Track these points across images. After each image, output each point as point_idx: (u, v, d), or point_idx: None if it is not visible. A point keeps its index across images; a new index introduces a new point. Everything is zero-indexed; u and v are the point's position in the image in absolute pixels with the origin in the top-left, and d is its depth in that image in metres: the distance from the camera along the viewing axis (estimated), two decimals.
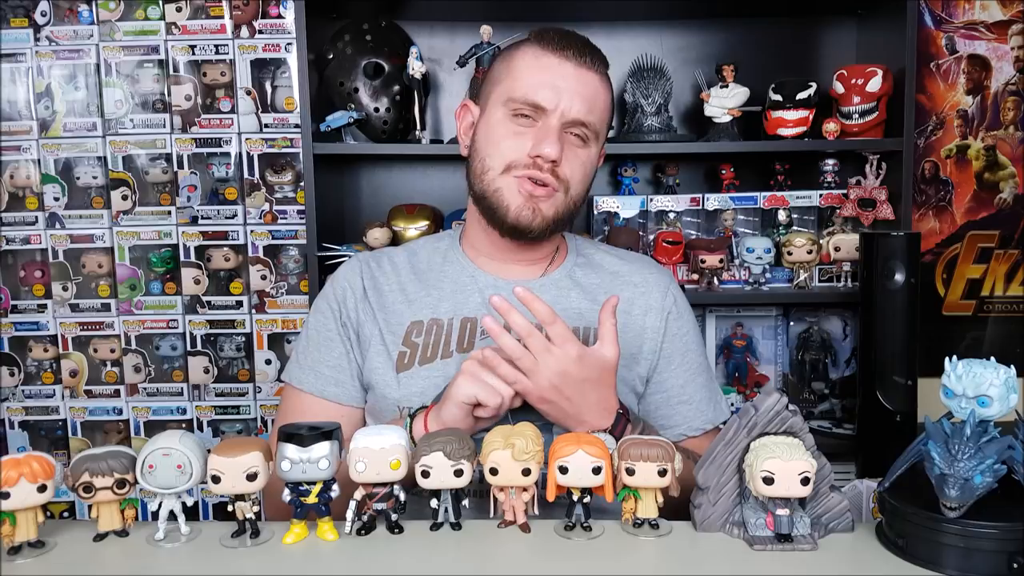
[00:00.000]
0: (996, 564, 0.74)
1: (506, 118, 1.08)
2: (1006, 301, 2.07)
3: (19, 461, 0.80)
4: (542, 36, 1.09)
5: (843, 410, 1.93)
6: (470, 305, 1.13)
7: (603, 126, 1.12)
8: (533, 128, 1.07)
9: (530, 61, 1.08)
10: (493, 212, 1.10)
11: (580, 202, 1.13)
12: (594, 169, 1.14)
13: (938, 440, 0.76)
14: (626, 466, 0.82)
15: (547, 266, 1.18)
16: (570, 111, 1.06)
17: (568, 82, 1.07)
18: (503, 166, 1.08)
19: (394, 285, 1.17)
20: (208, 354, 2.10)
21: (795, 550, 0.81)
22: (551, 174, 1.06)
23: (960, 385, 0.78)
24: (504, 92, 1.09)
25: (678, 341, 1.17)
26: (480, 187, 1.11)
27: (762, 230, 1.92)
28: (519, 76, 1.08)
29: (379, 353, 1.12)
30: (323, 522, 0.85)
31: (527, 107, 1.06)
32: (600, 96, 1.10)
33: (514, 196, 1.08)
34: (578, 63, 1.08)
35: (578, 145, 1.09)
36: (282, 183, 2.07)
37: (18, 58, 2.03)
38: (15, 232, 2.07)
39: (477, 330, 1.11)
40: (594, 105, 1.09)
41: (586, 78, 1.08)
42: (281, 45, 2.03)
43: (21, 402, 2.11)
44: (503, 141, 1.08)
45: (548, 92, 1.06)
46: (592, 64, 1.09)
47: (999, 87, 2.01)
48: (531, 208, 1.08)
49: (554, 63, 1.07)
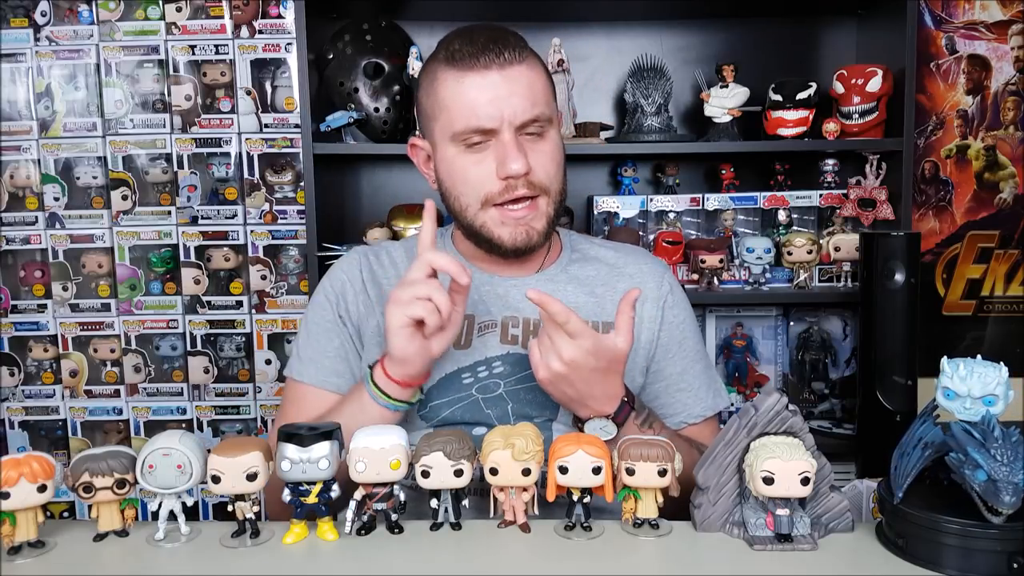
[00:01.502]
0: (996, 564, 0.74)
1: (460, 153, 1.05)
2: (1006, 301, 2.07)
3: (19, 461, 0.80)
4: (452, 56, 1.03)
5: (843, 410, 1.93)
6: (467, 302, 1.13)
7: (551, 107, 1.08)
8: (489, 149, 1.04)
9: (453, 88, 1.03)
10: (488, 244, 1.09)
11: (564, 194, 1.11)
12: (562, 152, 1.11)
13: (975, 446, 0.73)
14: (626, 466, 0.82)
15: (542, 262, 1.18)
16: (516, 116, 1.02)
17: (500, 90, 1.02)
18: (479, 202, 1.06)
19: (392, 279, 1.16)
20: (208, 354, 2.10)
21: (795, 550, 0.81)
22: (527, 188, 1.04)
23: (965, 385, 0.78)
24: (445, 128, 1.05)
25: (675, 330, 1.17)
26: (466, 223, 1.09)
27: (762, 230, 1.92)
28: (451, 108, 1.04)
29: (378, 345, 1.12)
30: (323, 522, 0.85)
31: (474, 135, 1.03)
32: (536, 82, 1.05)
33: (501, 228, 1.07)
34: (500, 65, 1.02)
35: (537, 141, 1.06)
36: (282, 183, 2.07)
37: (18, 58, 2.03)
38: (15, 232, 2.07)
39: (475, 327, 1.11)
40: (534, 95, 1.04)
41: (514, 74, 1.02)
42: (281, 45, 2.03)
43: (21, 402, 2.11)
44: (468, 176, 1.06)
45: (487, 111, 1.02)
46: (512, 56, 1.03)
47: (999, 87, 2.01)
48: (524, 231, 1.07)
49: (477, 81, 1.02)
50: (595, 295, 1.15)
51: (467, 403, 1.08)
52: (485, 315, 1.12)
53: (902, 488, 0.78)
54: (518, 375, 1.08)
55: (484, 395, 1.08)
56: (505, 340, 1.11)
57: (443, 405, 1.08)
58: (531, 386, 1.06)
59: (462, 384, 1.08)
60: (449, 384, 1.08)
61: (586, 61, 2.00)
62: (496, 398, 1.08)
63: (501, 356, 1.10)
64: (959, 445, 0.75)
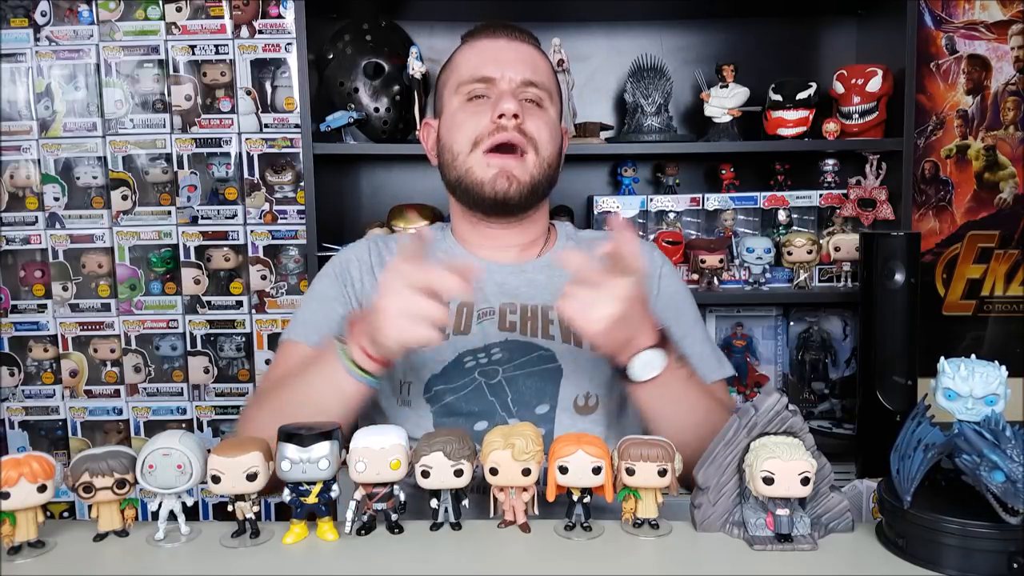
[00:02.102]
0: (996, 564, 0.74)
1: (462, 104, 1.14)
2: (1006, 301, 2.07)
3: (19, 461, 0.79)
4: (472, 31, 1.19)
5: (843, 410, 1.93)
6: None
7: (553, 91, 1.17)
8: (488, 102, 1.11)
9: (466, 51, 1.17)
10: (470, 193, 1.12)
11: (555, 166, 1.16)
12: (559, 134, 1.18)
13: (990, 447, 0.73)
14: (626, 466, 0.82)
15: (540, 250, 1.21)
16: (517, 75, 1.12)
17: (506, 53, 1.14)
18: (469, 144, 1.11)
19: None
20: (208, 354, 2.10)
21: (795, 550, 0.81)
22: (517, 132, 1.09)
23: (967, 386, 0.77)
24: (453, 84, 1.15)
25: (671, 300, 1.19)
26: (454, 175, 1.14)
27: (762, 230, 1.92)
28: (461, 64, 1.16)
29: None
30: (323, 522, 0.85)
31: (477, 84, 1.12)
32: (540, 62, 1.17)
33: (485, 170, 1.11)
34: (510, 38, 1.16)
35: (535, 108, 1.13)
36: (282, 183, 2.07)
37: (18, 58, 2.03)
38: (15, 232, 2.07)
39: (474, 314, 1.13)
40: (536, 68, 1.15)
41: (521, 48, 1.16)
42: (281, 45, 2.03)
43: (21, 402, 2.11)
44: (465, 123, 1.12)
45: (491, 64, 1.12)
46: (523, 38, 1.17)
47: (999, 87, 2.01)
48: (505, 177, 1.10)
49: (488, 43, 1.15)
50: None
51: (471, 389, 1.08)
52: (483, 303, 1.14)
53: (909, 492, 0.77)
54: (516, 361, 1.09)
55: (486, 380, 1.09)
56: (503, 327, 1.12)
57: (447, 391, 1.08)
58: (528, 372, 1.08)
59: (464, 369, 1.09)
60: (453, 370, 1.09)
61: (586, 61, 2.00)
62: (496, 386, 1.08)
63: (500, 343, 1.11)
64: (972, 447, 0.74)
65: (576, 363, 1.10)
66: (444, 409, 1.08)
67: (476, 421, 1.07)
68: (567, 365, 1.09)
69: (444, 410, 1.08)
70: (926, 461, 0.77)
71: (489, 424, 1.06)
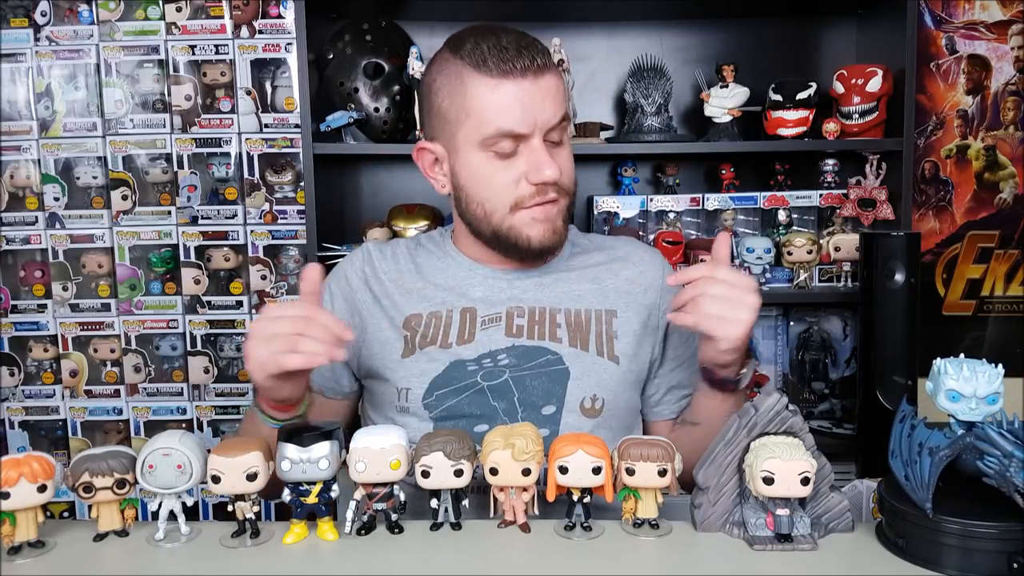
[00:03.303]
0: (996, 564, 0.74)
1: (488, 159, 1.05)
2: (1006, 301, 2.07)
3: (19, 461, 0.80)
4: (482, 61, 1.02)
5: (843, 410, 1.93)
6: (470, 296, 1.13)
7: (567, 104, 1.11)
8: (516, 155, 1.04)
9: (487, 95, 1.02)
10: (513, 247, 1.09)
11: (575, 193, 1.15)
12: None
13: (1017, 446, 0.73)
14: (626, 466, 0.82)
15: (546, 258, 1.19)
16: (547, 121, 1.04)
17: (533, 96, 1.02)
18: (509, 206, 1.06)
19: (393, 275, 1.17)
20: (208, 354, 2.10)
21: (795, 550, 0.81)
22: (556, 192, 1.07)
23: (971, 386, 0.77)
24: (474, 134, 1.04)
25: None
26: (491, 228, 1.09)
27: (762, 230, 1.92)
28: (482, 114, 1.03)
29: (377, 340, 1.12)
30: (323, 522, 0.85)
31: (505, 140, 1.03)
32: (560, 87, 1.07)
33: (532, 227, 1.07)
34: (534, 73, 1.02)
35: (558, 146, 1.08)
36: (282, 183, 2.07)
37: (18, 58, 2.02)
38: (15, 232, 2.07)
39: (478, 320, 1.11)
40: (558, 99, 1.06)
41: (545, 82, 1.03)
42: (281, 45, 2.03)
43: (21, 402, 2.11)
44: (494, 181, 1.06)
45: (520, 117, 1.02)
46: (543, 63, 1.04)
47: (999, 87, 2.01)
48: (550, 228, 1.08)
49: (512, 89, 1.01)
50: (598, 281, 1.16)
51: (472, 392, 1.07)
52: (488, 309, 1.12)
53: (928, 499, 0.76)
54: (523, 365, 1.09)
55: (489, 382, 1.08)
56: (510, 333, 1.10)
57: (448, 394, 1.08)
58: (537, 373, 1.07)
59: (467, 372, 1.08)
60: (453, 373, 1.08)
61: (586, 61, 2.00)
62: (502, 386, 1.07)
63: (506, 348, 1.09)
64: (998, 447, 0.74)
65: (583, 366, 1.09)
66: (443, 413, 1.07)
67: (477, 424, 1.07)
68: (575, 367, 1.09)
69: (443, 414, 1.07)
70: (935, 465, 0.76)
71: (490, 426, 1.06)
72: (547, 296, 1.13)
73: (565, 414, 1.07)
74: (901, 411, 0.81)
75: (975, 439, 0.76)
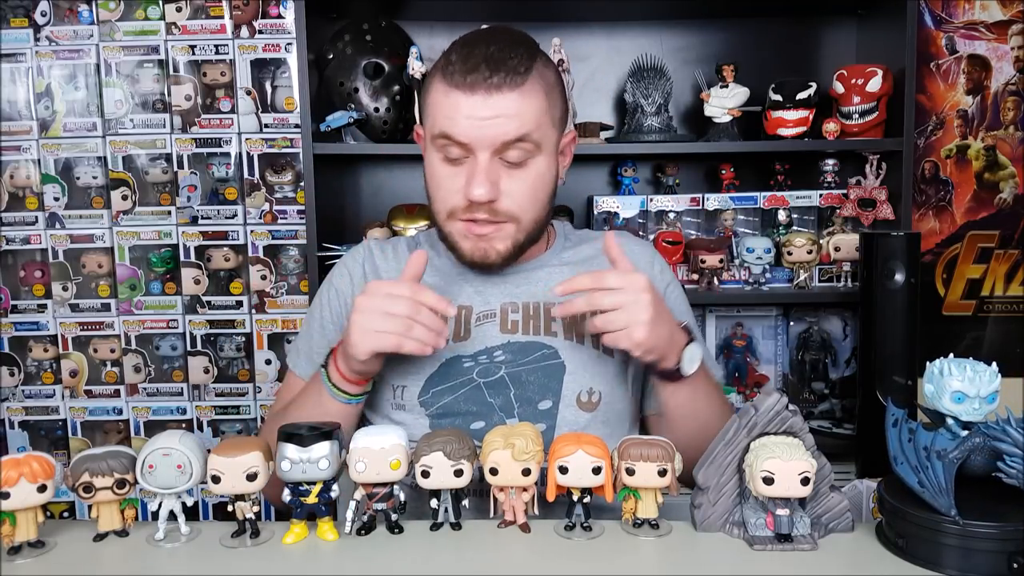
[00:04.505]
0: (996, 564, 0.74)
1: (440, 161, 1.05)
2: (1006, 301, 2.07)
3: (19, 461, 0.80)
4: (448, 65, 1.01)
5: (843, 410, 1.93)
6: (464, 294, 1.14)
7: (547, 130, 1.04)
8: (463, 164, 1.03)
9: (440, 97, 1.02)
10: (453, 252, 1.10)
11: (543, 219, 1.10)
12: (551, 181, 1.09)
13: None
14: (626, 466, 0.82)
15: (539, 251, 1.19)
16: (497, 137, 1.00)
17: (480, 112, 0.99)
18: (446, 212, 1.06)
19: (393, 273, 1.17)
20: (208, 354, 2.10)
21: (795, 550, 0.81)
22: (488, 214, 1.04)
23: (974, 387, 0.77)
24: (430, 128, 1.05)
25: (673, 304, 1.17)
26: (437, 227, 1.11)
27: (762, 230, 1.92)
28: (436, 112, 1.03)
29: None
30: (323, 522, 0.85)
31: (452, 146, 1.02)
32: (528, 107, 1.01)
33: (463, 239, 1.07)
34: (486, 89, 0.98)
35: (518, 167, 1.03)
36: (282, 183, 2.07)
37: (18, 58, 2.03)
38: (15, 232, 2.07)
39: (472, 318, 1.12)
40: (522, 121, 1.00)
41: (500, 101, 0.99)
42: (281, 45, 2.03)
43: (21, 402, 2.11)
44: (441, 185, 1.06)
45: (463, 128, 1.00)
46: (503, 80, 0.99)
47: (999, 87, 2.01)
48: (482, 249, 1.07)
49: (459, 99, 0.99)
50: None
51: (469, 389, 1.08)
52: (483, 305, 1.13)
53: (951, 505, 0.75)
54: (519, 361, 1.09)
55: (485, 379, 1.08)
56: (505, 329, 1.11)
57: (444, 391, 1.08)
58: (533, 368, 1.08)
59: (463, 368, 1.09)
60: (450, 369, 1.09)
61: (586, 61, 2.00)
62: (498, 382, 1.08)
63: (502, 345, 1.10)
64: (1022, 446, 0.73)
65: (579, 359, 1.10)
66: (440, 410, 1.08)
67: (473, 421, 1.07)
68: (570, 361, 1.09)
69: (440, 411, 1.08)
70: (948, 468, 0.76)
71: (486, 423, 1.06)
72: (541, 291, 1.14)
73: (562, 408, 1.07)
74: (892, 415, 0.80)
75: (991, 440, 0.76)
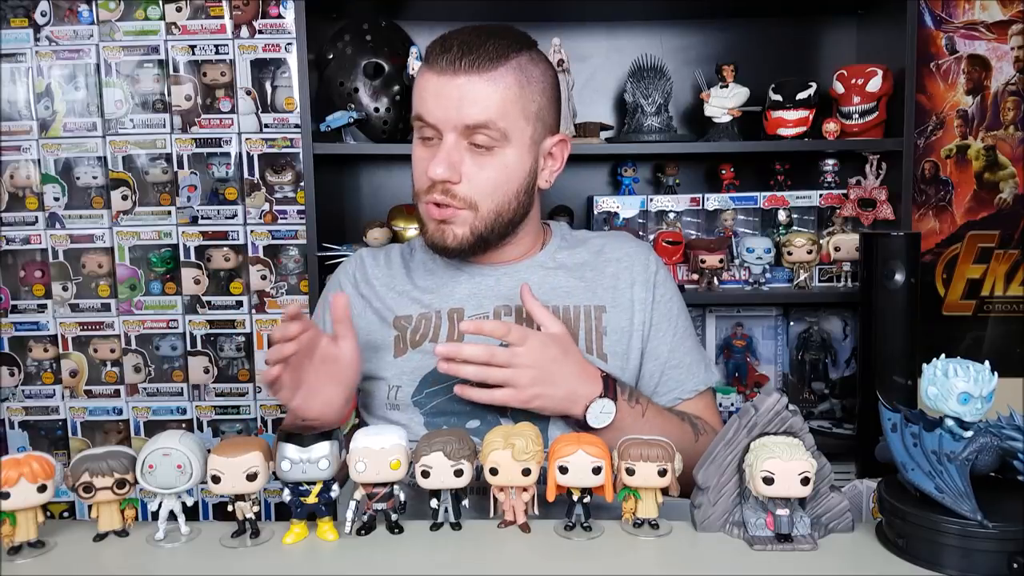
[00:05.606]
0: (996, 564, 0.74)
1: (418, 142, 1.10)
2: (1006, 301, 2.07)
3: (19, 461, 0.80)
4: (430, 50, 1.07)
5: (843, 410, 1.93)
6: (456, 296, 1.15)
7: (516, 121, 1.06)
8: (433, 145, 1.07)
9: (419, 81, 1.08)
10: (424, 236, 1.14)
11: (508, 214, 1.10)
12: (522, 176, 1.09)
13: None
14: (626, 466, 0.82)
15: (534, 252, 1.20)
16: (461, 119, 1.03)
17: (448, 92, 1.03)
18: (417, 192, 1.11)
19: (385, 279, 1.19)
20: (208, 354, 2.10)
21: (795, 550, 0.81)
22: (443, 195, 1.06)
23: (978, 387, 0.77)
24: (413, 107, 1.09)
25: (663, 307, 1.18)
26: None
27: (762, 230, 1.92)
28: (415, 95, 1.09)
29: (369, 342, 1.14)
30: (323, 522, 0.85)
31: (424, 126, 1.07)
32: (496, 95, 1.03)
33: (428, 220, 1.11)
34: (454, 72, 1.03)
35: (484, 153, 1.05)
36: (282, 183, 2.07)
37: (18, 58, 2.02)
38: (15, 232, 2.07)
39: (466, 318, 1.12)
40: (489, 104, 1.03)
41: (467, 83, 1.03)
42: (281, 45, 2.03)
43: (21, 402, 2.11)
44: (416, 166, 1.10)
45: (433, 107, 1.04)
46: (474, 65, 1.03)
47: (999, 87, 2.01)
48: (441, 231, 1.10)
49: (431, 79, 1.05)
50: (584, 279, 1.16)
51: None
52: (476, 308, 1.13)
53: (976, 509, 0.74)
54: None
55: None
56: None
57: (438, 391, 1.09)
58: None
59: None
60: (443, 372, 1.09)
61: (586, 61, 2.00)
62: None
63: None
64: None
65: None
66: (434, 410, 1.08)
67: (468, 420, 1.07)
68: None
69: (434, 411, 1.08)
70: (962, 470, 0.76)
71: (481, 422, 1.06)
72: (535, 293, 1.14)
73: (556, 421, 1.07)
74: (888, 419, 0.80)
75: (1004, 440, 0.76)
